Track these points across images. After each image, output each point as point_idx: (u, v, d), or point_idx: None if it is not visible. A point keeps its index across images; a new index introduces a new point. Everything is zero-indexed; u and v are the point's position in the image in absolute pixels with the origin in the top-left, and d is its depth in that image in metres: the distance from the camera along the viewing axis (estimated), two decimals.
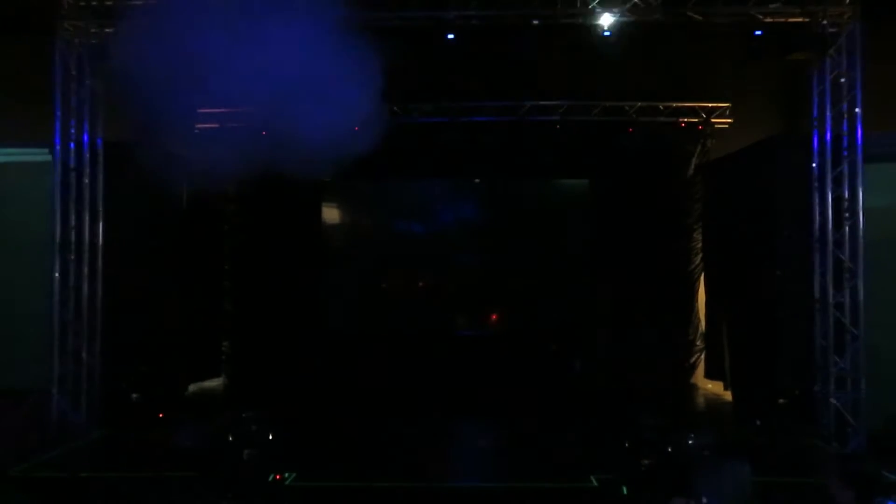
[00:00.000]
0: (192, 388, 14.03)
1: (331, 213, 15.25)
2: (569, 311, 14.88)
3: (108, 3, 10.78)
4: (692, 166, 14.37)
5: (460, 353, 14.27)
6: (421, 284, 15.49)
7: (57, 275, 11.04)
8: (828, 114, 10.71)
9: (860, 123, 10.41)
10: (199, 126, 12.59)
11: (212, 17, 8.27)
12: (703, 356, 14.54)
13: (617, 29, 10.68)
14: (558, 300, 14.93)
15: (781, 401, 11.04)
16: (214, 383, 14.63)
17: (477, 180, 15.07)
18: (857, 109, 10.40)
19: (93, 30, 10.99)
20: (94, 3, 10.81)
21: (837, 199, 10.65)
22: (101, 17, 10.86)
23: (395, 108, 13.50)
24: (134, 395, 11.82)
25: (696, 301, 14.55)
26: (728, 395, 13.37)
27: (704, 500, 3.96)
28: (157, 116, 8.76)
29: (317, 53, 8.34)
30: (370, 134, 9.62)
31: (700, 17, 10.70)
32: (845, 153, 10.53)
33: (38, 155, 12.40)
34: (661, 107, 13.87)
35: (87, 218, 11.37)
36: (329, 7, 8.50)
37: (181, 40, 8.19)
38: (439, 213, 15.29)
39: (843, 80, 10.52)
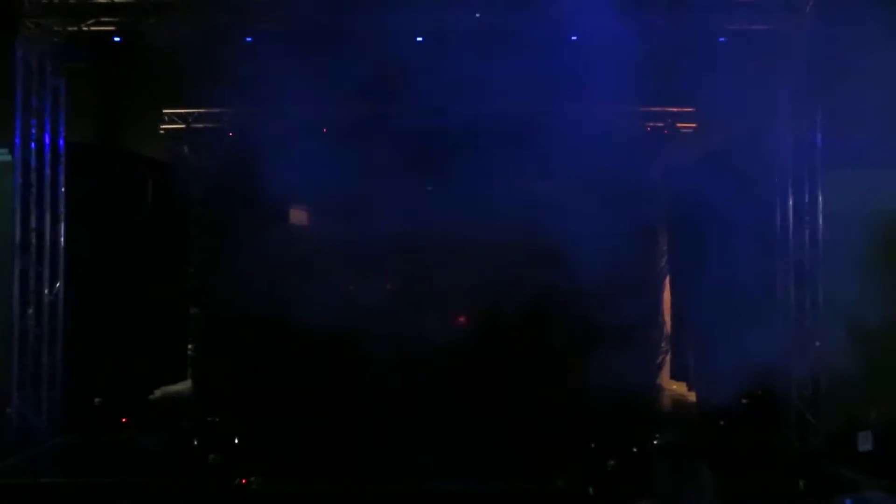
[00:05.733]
0: (156, 392, 13.85)
1: (298, 216, 15.15)
2: (534, 312, 14.89)
3: (72, 1, 10.64)
4: (657, 170, 14.51)
5: (428, 356, 14.23)
6: (389, 287, 15.41)
7: (17, 277, 10.85)
8: (786, 119, 10.92)
9: (819, 129, 10.63)
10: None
11: None
12: (668, 357, 14.69)
13: None
14: (523, 300, 14.92)
15: (744, 401, 11.22)
16: (180, 387, 14.45)
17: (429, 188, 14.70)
18: (816, 116, 10.61)
19: (56, 28, 10.83)
20: (56, 1, 10.66)
21: (797, 203, 10.86)
22: (64, 15, 10.72)
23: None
24: (97, 400, 11.67)
25: (662, 302, 14.70)
26: (692, 396, 13.53)
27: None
28: None
29: None
30: None
31: (664, 23, 10.85)
32: (805, 157, 10.74)
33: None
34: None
35: (48, 219, 11.18)
36: None
37: None
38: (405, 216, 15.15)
39: (800, 85, 10.73)
